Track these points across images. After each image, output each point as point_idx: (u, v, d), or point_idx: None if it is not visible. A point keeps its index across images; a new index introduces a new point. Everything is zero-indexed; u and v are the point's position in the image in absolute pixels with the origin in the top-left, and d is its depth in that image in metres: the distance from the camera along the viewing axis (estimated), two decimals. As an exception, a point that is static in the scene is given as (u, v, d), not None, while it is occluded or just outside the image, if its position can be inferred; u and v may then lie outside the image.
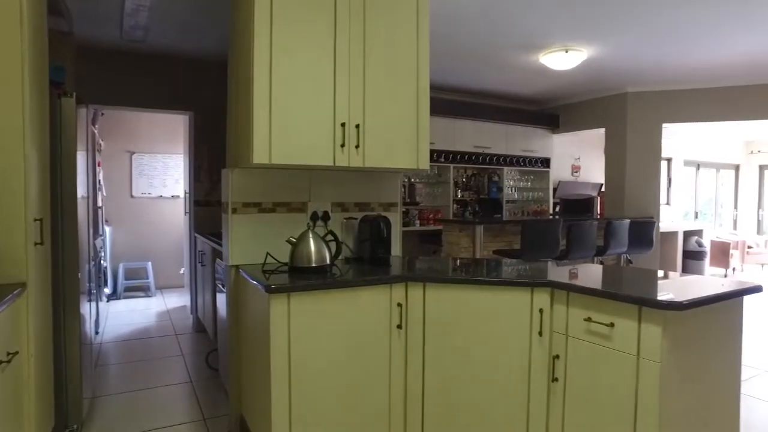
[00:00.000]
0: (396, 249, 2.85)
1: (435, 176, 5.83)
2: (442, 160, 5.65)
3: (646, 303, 1.69)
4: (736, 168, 10.22)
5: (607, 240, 4.58)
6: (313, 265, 2.26)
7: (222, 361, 3.13)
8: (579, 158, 7.14)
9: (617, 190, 5.64)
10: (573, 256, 4.33)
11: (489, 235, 4.53)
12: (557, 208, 6.53)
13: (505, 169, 6.11)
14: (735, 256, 8.60)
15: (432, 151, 5.54)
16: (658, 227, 5.59)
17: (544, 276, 2.15)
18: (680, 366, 1.73)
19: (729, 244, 8.46)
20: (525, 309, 2.06)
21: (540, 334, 2.04)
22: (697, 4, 3.30)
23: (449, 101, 5.74)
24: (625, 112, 5.56)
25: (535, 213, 6.41)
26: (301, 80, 2.25)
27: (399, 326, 2.20)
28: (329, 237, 2.43)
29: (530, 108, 6.50)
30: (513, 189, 6.31)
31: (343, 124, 2.34)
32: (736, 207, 10.28)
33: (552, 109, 6.48)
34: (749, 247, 8.98)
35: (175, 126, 6.41)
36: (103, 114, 5.50)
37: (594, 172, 7.51)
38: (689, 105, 5.40)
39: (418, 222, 5.70)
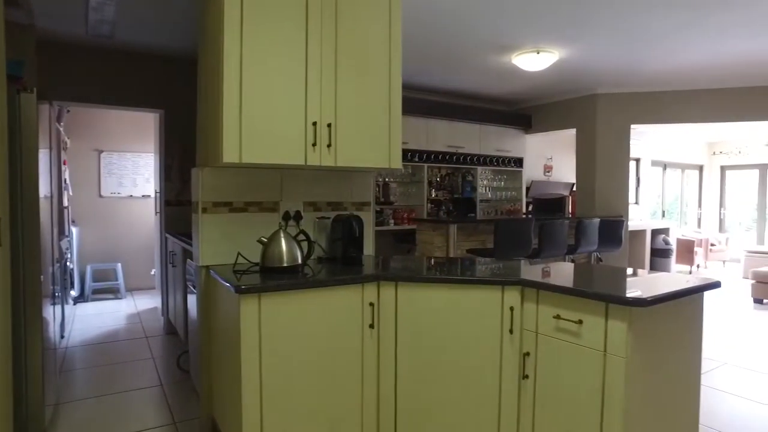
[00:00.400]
0: (369, 248, 2.85)
1: (409, 176, 5.85)
2: (417, 159, 5.67)
3: (612, 300, 1.72)
4: (700, 168, 10.56)
5: (578, 239, 4.67)
6: (285, 265, 2.24)
7: (193, 363, 3.07)
8: (551, 158, 7.27)
9: (588, 189, 5.76)
10: (545, 254, 4.40)
11: (463, 234, 4.57)
12: (530, 208, 6.63)
13: (479, 168, 6.18)
14: (699, 253, 8.88)
15: (406, 151, 5.56)
16: (627, 226, 5.73)
17: (515, 274, 2.17)
18: (645, 360, 1.77)
19: (693, 242, 8.74)
20: (496, 307, 2.08)
21: (511, 331, 2.06)
22: (661, 10, 3.39)
23: (423, 101, 5.77)
24: (595, 113, 5.69)
25: (508, 212, 6.50)
26: (272, 79, 2.23)
27: (371, 326, 2.19)
28: (301, 237, 2.41)
29: (504, 108, 6.58)
30: (487, 188, 6.38)
31: (314, 123, 2.32)
32: (700, 206, 10.62)
33: (525, 110, 6.57)
34: (712, 245, 9.29)
35: (146, 124, 6.28)
36: (68, 111, 5.34)
37: (566, 172, 7.65)
38: (656, 107, 5.55)
39: (392, 221, 5.71)
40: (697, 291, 1.94)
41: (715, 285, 2.01)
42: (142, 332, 4.60)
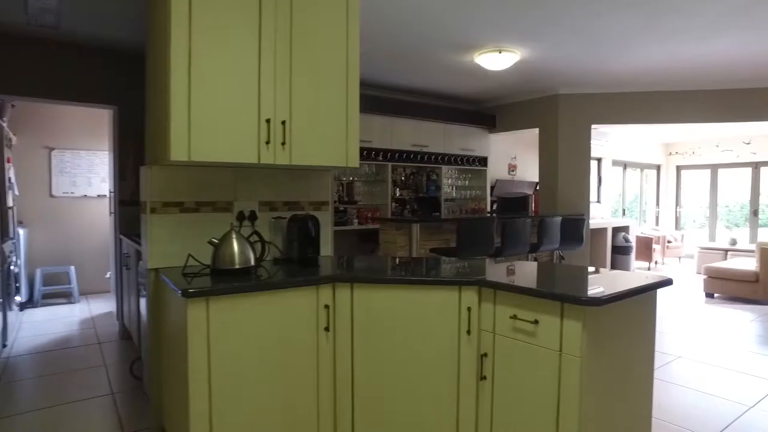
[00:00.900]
0: (327, 249, 2.79)
1: (373, 175, 5.80)
2: (381, 158, 5.63)
3: (567, 299, 1.72)
4: (658, 168, 10.90)
5: (541, 237, 4.72)
6: (237, 267, 2.15)
7: (146, 371, 2.94)
8: (515, 157, 7.35)
9: (550, 188, 5.84)
10: (507, 252, 4.43)
11: (426, 233, 4.55)
12: (494, 207, 6.68)
13: (444, 167, 6.18)
14: (657, 250, 9.18)
15: (370, 150, 5.52)
16: (588, 224, 5.84)
17: (473, 274, 2.15)
18: (600, 358, 1.78)
19: (652, 239, 9.02)
20: (453, 308, 2.05)
21: (468, 332, 2.04)
22: (618, 12, 3.45)
23: (388, 100, 5.73)
24: (557, 113, 5.77)
25: (472, 211, 6.53)
26: (223, 73, 2.14)
27: (327, 329, 2.13)
28: (255, 237, 2.32)
29: (468, 108, 6.61)
30: (451, 187, 6.39)
31: (268, 120, 2.24)
32: (658, 204, 10.97)
33: (489, 109, 6.62)
34: (669, 242, 9.60)
35: (101, 120, 6.02)
36: (13, 106, 5.07)
37: (530, 171, 7.76)
38: (616, 108, 5.67)
39: (356, 221, 5.65)
40: (651, 289, 1.95)
41: (667, 282, 2.03)
42: (95, 338, 4.40)
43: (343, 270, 2.30)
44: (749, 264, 6.52)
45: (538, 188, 6.05)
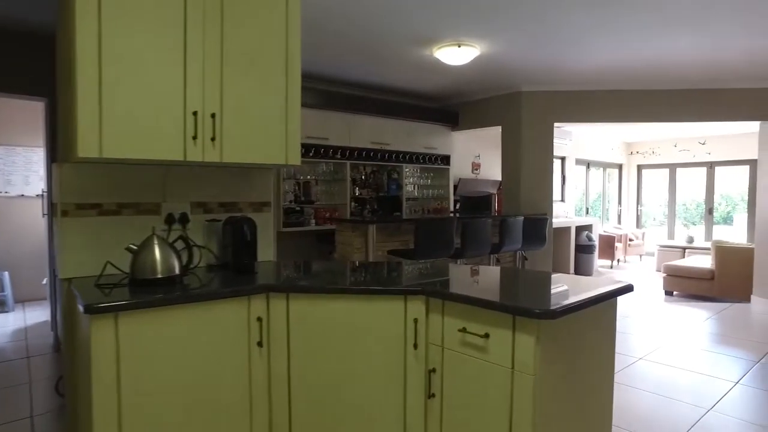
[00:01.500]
0: (268, 253, 2.57)
1: (331, 173, 5.58)
2: (339, 156, 5.42)
3: (519, 312, 1.56)
4: (620, 167, 11.05)
5: (502, 237, 4.61)
6: (159, 276, 1.91)
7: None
8: (479, 156, 7.25)
9: (513, 187, 5.76)
10: (468, 254, 4.29)
11: (385, 234, 4.37)
12: (457, 206, 6.57)
13: (405, 166, 6.02)
14: (619, 248, 9.28)
15: (328, 147, 5.30)
16: (551, 223, 5.79)
17: (425, 280, 1.97)
18: (555, 374, 1.62)
19: (614, 237, 9.11)
20: (399, 319, 1.87)
21: (415, 346, 1.86)
22: (578, 7, 3.34)
23: (345, 96, 5.52)
24: (519, 110, 5.68)
25: (435, 211, 6.40)
26: (141, 59, 1.89)
27: (260, 344, 1.92)
28: (182, 242, 2.09)
29: (430, 105, 6.46)
30: (413, 186, 6.23)
31: (195, 113, 2.01)
32: (620, 203, 11.13)
33: (452, 107, 6.49)
34: (630, 240, 9.73)
35: (39, 114, 5.59)
36: (-67, 98, 4.61)
37: (494, 170, 7.68)
38: (578, 106, 5.63)
39: (314, 221, 5.43)
40: (610, 297, 1.82)
41: (628, 289, 1.91)
42: (25, 351, 4.03)
43: (281, 278, 2.09)
44: (705, 262, 6.61)
45: (501, 187, 5.96)
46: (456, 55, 4.21)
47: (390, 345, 1.88)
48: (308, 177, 5.42)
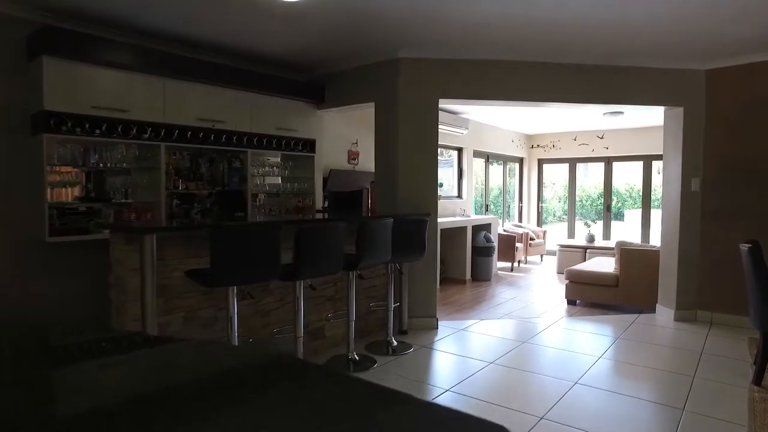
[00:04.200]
0: None
1: (137, 159, 4.02)
2: (149, 136, 3.87)
3: None
4: (521, 161, 10.40)
5: (361, 247, 3.35)
6: None
7: None
8: (357, 142, 5.99)
9: (389, 180, 4.54)
10: (306, 273, 2.99)
11: (182, 248, 2.94)
12: (326, 204, 5.27)
13: (251, 152, 4.58)
14: (520, 248, 8.51)
15: (128, 122, 3.75)
16: (437, 225, 4.66)
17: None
18: None
19: (514, 237, 8.31)
20: None
21: None
22: None
23: (161, 54, 3.99)
24: (396, 82, 4.48)
25: (296, 210, 5.04)
26: None
27: None
28: None
29: (288, 75, 5.07)
30: (262, 179, 4.81)
31: None
32: (521, 199, 10.48)
33: (317, 79, 5.16)
34: (532, 240, 9.03)
35: None
36: None
37: (380, 161, 6.49)
38: (466, 79, 4.53)
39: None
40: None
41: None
42: None
43: None
44: (608, 265, 5.88)
45: (374, 181, 4.73)
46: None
47: None
48: (100, 164, 3.82)
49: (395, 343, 3.95)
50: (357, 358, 3.60)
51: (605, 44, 4.18)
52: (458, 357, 3.81)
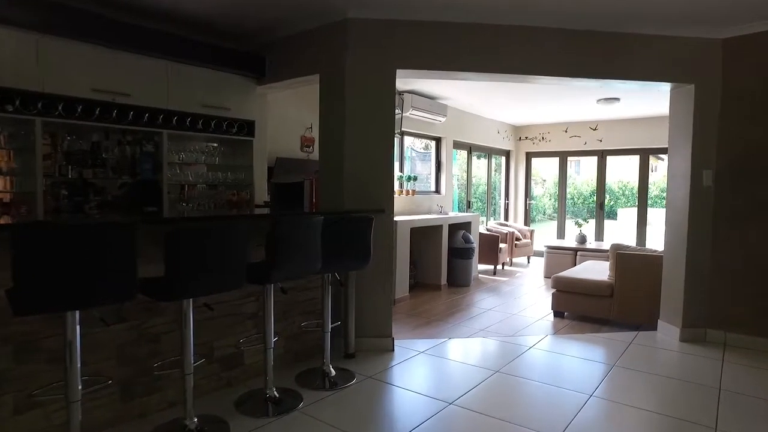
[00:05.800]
0: None
1: (9, 138, 3.15)
2: (16, 108, 3.01)
3: None
4: (507, 154, 9.59)
5: (278, 254, 2.51)
6: None
7: None
8: (311, 127, 5.15)
9: (334, 169, 3.70)
10: (189, 292, 2.16)
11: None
12: (270, 197, 4.43)
13: (167, 133, 3.72)
14: (504, 249, 7.70)
15: (-18, 88, 2.88)
16: (393, 224, 3.84)
17: None
18: None
19: (498, 237, 7.50)
20: None
21: None
22: None
23: (36, 3, 3.13)
24: (344, 49, 3.64)
25: (230, 204, 4.18)
26: None
27: None
28: None
29: (220, 43, 4.20)
30: (183, 166, 3.96)
31: None
32: (507, 196, 9.68)
33: (257, 49, 4.30)
34: (517, 239, 8.23)
35: None
36: None
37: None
38: (429, 45, 3.70)
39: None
40: None
41: None
42: None
43: None
44: (602, 272, 5.09)
45: (317, 170, 3.88)
46: None
47: None
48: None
49: (333, 372, 3.13)
50: (277, 395, 2.77)
51: (600, 5, 3.36)
52: (410, 394, 2.98)
